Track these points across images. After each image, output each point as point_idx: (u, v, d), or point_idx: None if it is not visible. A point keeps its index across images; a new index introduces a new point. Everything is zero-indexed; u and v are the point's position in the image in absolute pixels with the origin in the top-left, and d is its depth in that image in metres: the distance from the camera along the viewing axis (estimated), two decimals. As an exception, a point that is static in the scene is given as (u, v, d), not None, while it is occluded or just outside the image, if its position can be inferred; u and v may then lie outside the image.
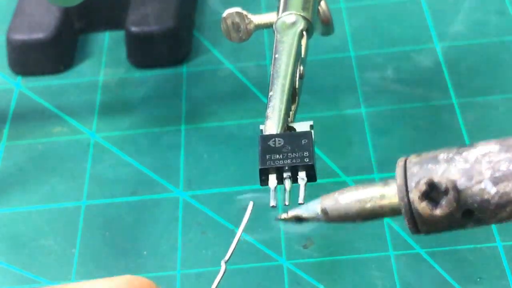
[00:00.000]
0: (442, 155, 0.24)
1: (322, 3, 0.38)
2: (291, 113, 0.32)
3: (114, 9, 0.52)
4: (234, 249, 0.27)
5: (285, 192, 0.29)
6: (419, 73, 0.47)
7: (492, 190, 0.23)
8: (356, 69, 0.48)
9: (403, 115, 0.45)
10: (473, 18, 0.51)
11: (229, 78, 0.49)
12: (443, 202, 0.23)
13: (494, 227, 0.39)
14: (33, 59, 0.50)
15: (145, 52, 0.50)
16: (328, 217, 0.26)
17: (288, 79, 0.33)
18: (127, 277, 0.19)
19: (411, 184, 0.23)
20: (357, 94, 0.46)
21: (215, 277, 0.38)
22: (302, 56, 0.34)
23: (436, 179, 0.23)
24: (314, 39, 0.36)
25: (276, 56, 0.34)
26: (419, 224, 0.24)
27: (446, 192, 0.23)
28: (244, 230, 0.40)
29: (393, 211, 0.24)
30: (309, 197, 0.39)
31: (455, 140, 0.43)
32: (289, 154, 0.29)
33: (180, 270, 0.39)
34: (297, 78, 0.33)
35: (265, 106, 0.32)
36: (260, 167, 0.30)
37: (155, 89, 0.49)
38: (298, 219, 0.27)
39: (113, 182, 0.43)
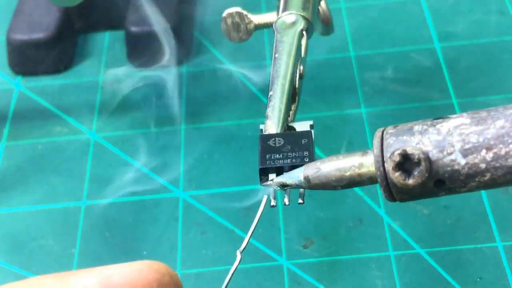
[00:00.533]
0: (417, 127, 0.25)
1: (322, 3, 0.38)
2: (291, 112, 0.32)
3: (114, 9, 0.52)
4: (249, 239, 0.27)
5: (284, 192, 0.29)
6: (419, 73, 0.47)
7: (462, 161, 0.23)
8: (356, 69, 0.48)
9: (403, 115, 0.45)
10: (473, 18, 0.51)
11: (229, 78, 0.49)
12: (416, 172, 0.24)
13: (494, 227, 0.39)
14: (33, 59, 0.50)
15: (145, 52, 0.50)
16: (310, 185, 0.27)
17: (288, 79, 0.33)
18: (146, 262, 0.20)
19: (387, 154, 0.24)
20: (357, 94, 0.46)
21: (215, 277, 0.38)
22: (302, 55, 0.34)
23: (409, 150, 0.24)
24: (314, 39, 0.36)
25: (276, 56, 0.34)
26: (394, 193, 0.25)
27: (418, 163, 0.24)
28: (244, 230, 0.40)
29: (370, 180, 0.26)
30: (308, 197, 0.39)
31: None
32: (289, 154, 0.29)
33: (180, 270, 0.39)
34: (297, 78, 0.33)
35: (265, 106, 0.32)
36: (260, 167, 0.29)
37: (155, 89, 0.49)
38: (282, 186, 0.28)
39: (113, 181, 0.43)
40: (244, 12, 0.37)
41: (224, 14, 0.37)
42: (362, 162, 0.26)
